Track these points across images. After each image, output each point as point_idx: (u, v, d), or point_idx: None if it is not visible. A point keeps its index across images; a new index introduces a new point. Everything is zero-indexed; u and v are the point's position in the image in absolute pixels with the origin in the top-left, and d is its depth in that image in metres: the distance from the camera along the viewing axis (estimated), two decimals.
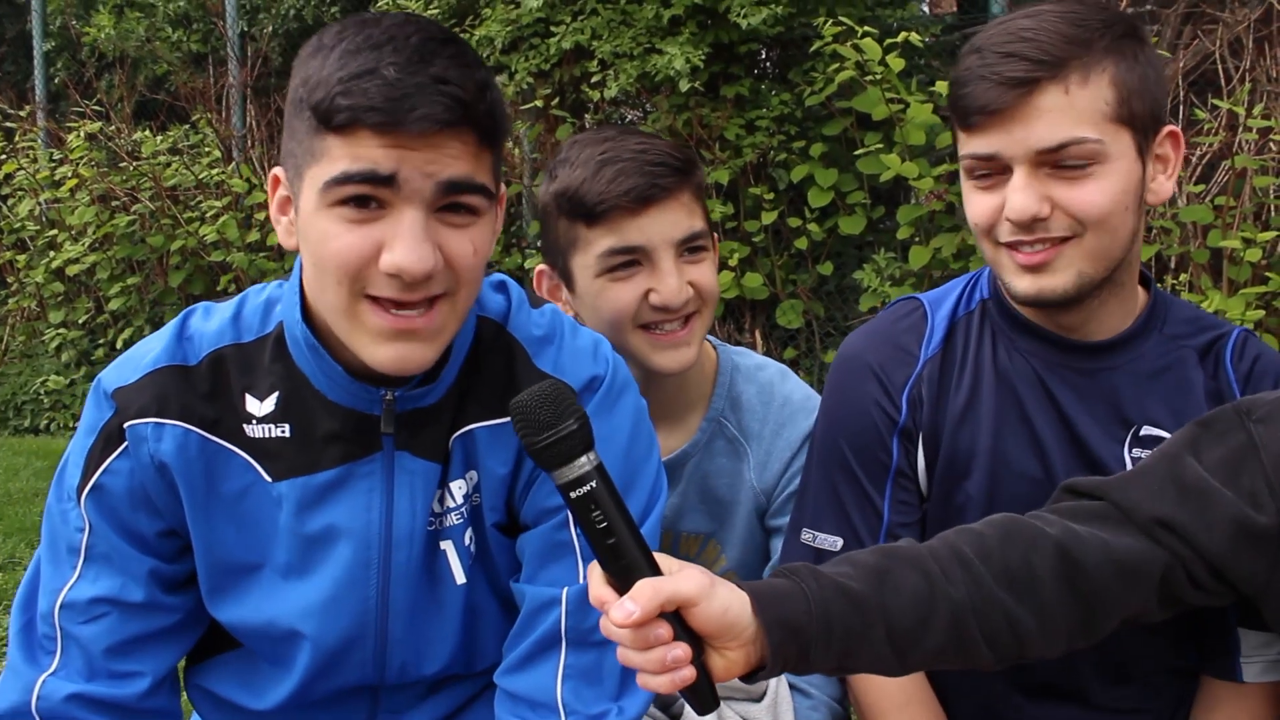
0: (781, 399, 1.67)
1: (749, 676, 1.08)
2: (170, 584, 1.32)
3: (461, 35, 4.20)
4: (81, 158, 5.64)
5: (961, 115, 1.37)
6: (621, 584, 1.02)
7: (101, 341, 5.93)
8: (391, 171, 1.12)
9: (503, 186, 1.24)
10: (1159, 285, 1.50)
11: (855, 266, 4.23)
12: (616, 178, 1.52)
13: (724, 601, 1.04)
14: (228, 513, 1.28)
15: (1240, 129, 3.36)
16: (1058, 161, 1.32)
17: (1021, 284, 1.38)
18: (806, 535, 1.53)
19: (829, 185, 4.05)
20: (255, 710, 1.38)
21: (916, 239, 3.96)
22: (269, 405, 1.26)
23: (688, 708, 1.34)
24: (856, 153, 3.91)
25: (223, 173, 5.48)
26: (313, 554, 1.28)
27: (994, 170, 1.36)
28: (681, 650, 1.01)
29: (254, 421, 1.27)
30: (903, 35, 3.68)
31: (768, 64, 4.45)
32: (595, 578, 1.04)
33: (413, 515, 1.28)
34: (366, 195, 1.13)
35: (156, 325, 5.60)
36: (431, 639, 1.34)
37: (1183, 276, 3.41)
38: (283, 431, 1.26)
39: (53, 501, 1.31)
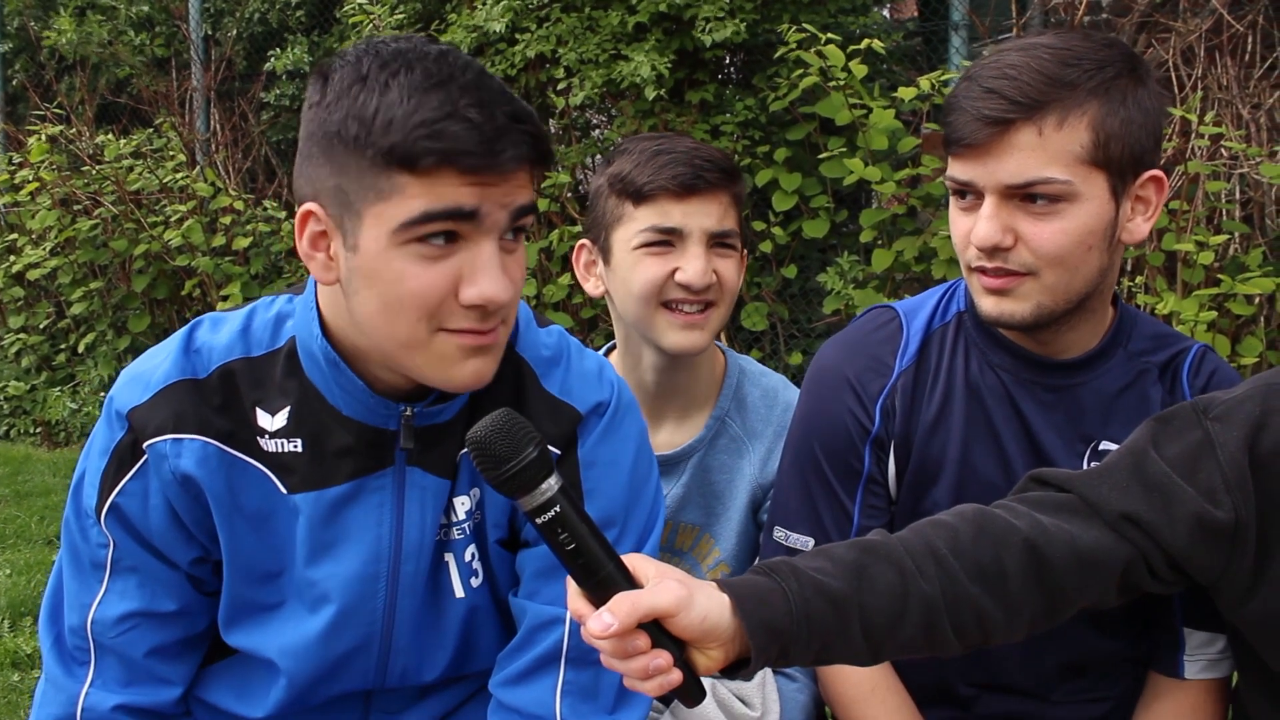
0: (784, 405, 1.78)
1: (728, 671, 1.13)
2: (203, 590, 1.36)
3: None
4: (42, 161, 5.59)
5: (946, 141, 1.43)
6: (598, 598, 1.06)
7: (63, 346, 5.89)
8: (475, 207, 1.16)
9: None
10: (1117, 287, 1.55)
11: (819, 269, 4.29)
12: (667, 165, 1.67)
13: (702, 609, 1.07)
14: (250, 523, 1.31)
15: (1193, 136, 3.44)
16: (1025, 196, 1.38)
17: (986, 304, 1.45)
18: (779, 534, 1.60)
19: (793, 189, 4.11)
20: (252, 718, 1.41)
21: (879, 242, 4.03)
22: (281, 420, 1.30)
23: None
24: (820, 157, 3.97)
25: (187, 177, 5.46)
26: (324, 568, 1.31)
27: (970, 195, 1.43)
28: (663, 659, 1.06)
29: (267, 436, 1.30)
30: (865, 42, 3.73)
31: (732, 70, 4.49)
32: (572, 591, 1.08)
33: (422, 528, 1.33)
34: (449, 230, 1.16)
35: (119, 330, 5.57)
36: (432, 646, 1.39)
37: (1139, 279, 3.49)
38: (295, 446, 1.30)
39: (70, 517, 1.34)
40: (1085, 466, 1.49)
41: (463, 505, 1.34)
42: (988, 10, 4.14)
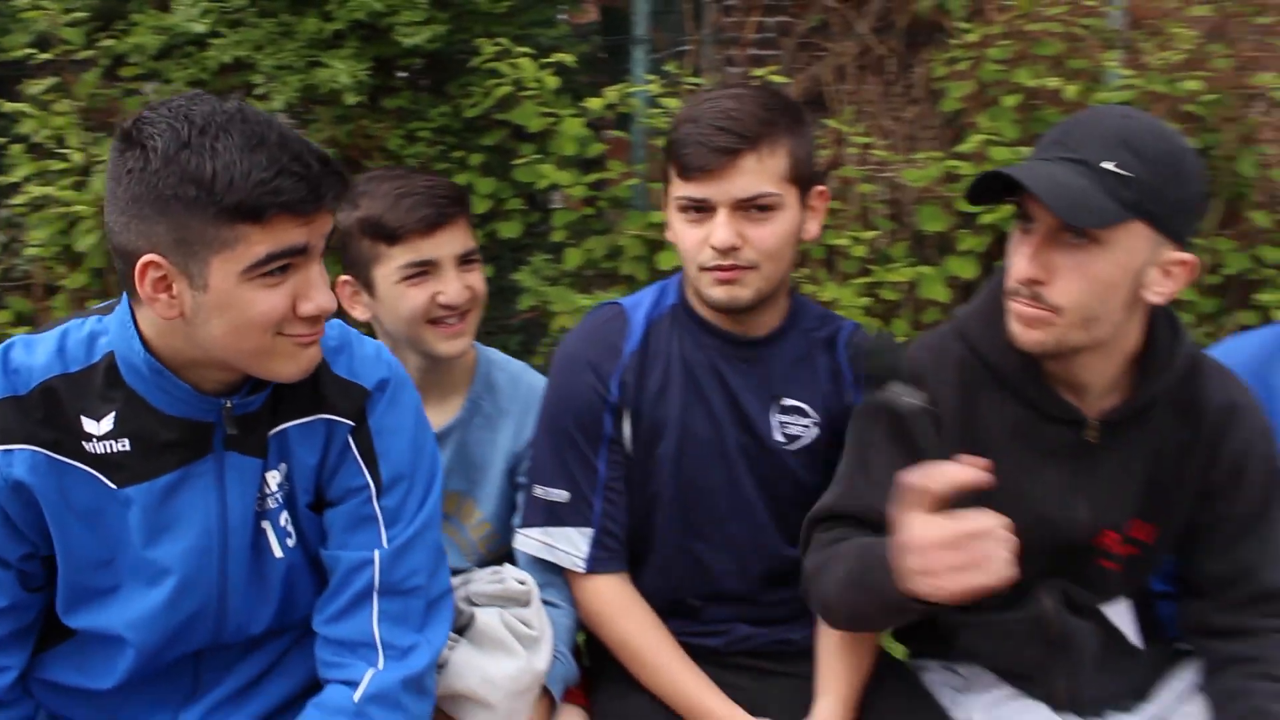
0: (527, 385, 2.23)
1: None
2: (29, 586, 1.65)
3: (110, 42, 4.40)
4: None
5: (681, 169, 1.93)
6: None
7: None
8: (306, 243, 1.52)
9: None
10: None
11: (514, 268, 4.76)
12: (414, 207, 2.04)
13: None
14: (81, 519, 1.61)
15: (846, 144, 4.17)
16: (749, 207, 1.92)
17: (718, 293, 1.96)
18: (539, 491, 2.07)
19: (488, 193, 4.55)
20: (98, 690, 1.71)
21: (570, 241, 4.55)
22: (107, 424, 1.60)
23: (477, 619, 1.85)
24: (515, 162, 4.44)
25: None
26: (162, 547, 1.64)
27: (704, 209, 1.94)
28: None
29: (94, 440, 1.60)
30: (556, 56, 4.25)
31: (427, 79, 4.88)
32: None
33: (243, 502, 1.67)
34: (287, 265, 1.52)
35: None
36: (260, 602, 1.74)
37: (803, 270, 4.17)
38: (124, 445, 1.60)
39: None
40: (772, 417, 2.06)
41: (274, 479, 1.70)
42: (667, 26, 4.76)
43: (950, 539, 1.55)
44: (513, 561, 2.13)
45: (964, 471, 1.57)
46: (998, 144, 4.02)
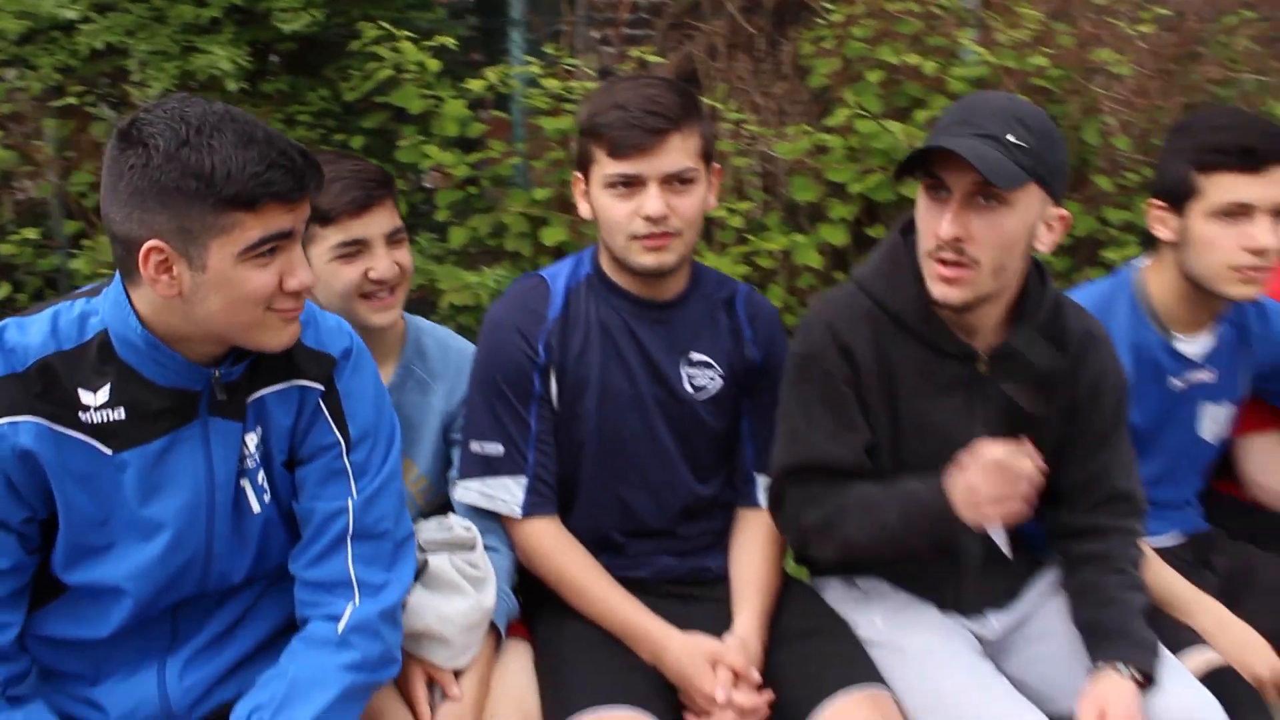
0: (456, 350, 2.48)
1: None
2: (28, 549, 1.84)
3: None
4: None
5: (613, 148, 2.19)
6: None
7: None
8: (292, 227, 1.75)
9: None
10: None
11: None
12: (344, 190, 2.25)
13: None
14: (78, 483, 1.81)
15: (720, 120, 4.48)
16: (674, 180, 2.20)
17: (648, 260, 2.24)
18: (475, 446, 2.33)
19: None
20: (92, 640, 1.91)
21: (454, 221, 4.77)
22: (103, 395, 1.81)
23: (430, 564, 2.12)
24: (399, 143, 4.63)
25: None
26: (157, 504, 1.86)
27: (633, 185, 2.20)
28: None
29: (90, 410, 1.80)
30: (438, 39, 4.46)
31: (305, 62, 5.01)
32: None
33: (227, 462, 1.89)
34: (275, 247, 1.75)
35: None
36: (240, 552, 1.96)
37: None
38: (119, 415, 1.82)
39: None
40: (682, 370, 2.36)
41: (252, 440, 1.92)
42: (542, 8, 5.01)
43: (1000, 477, 2.01)
44: (449, 511, 2.38)
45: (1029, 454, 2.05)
46: (863, 117, 4.37)
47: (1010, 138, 1.99)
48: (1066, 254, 4.65)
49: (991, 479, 2.01)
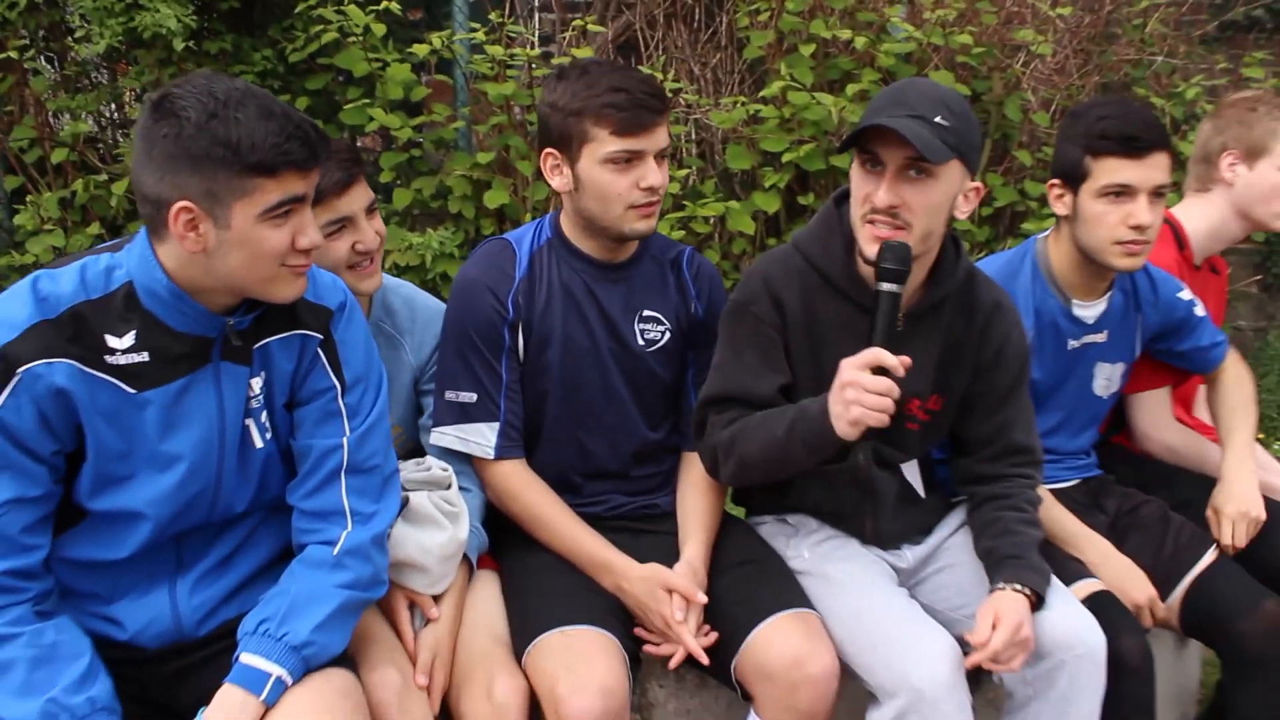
0: (422, 306, 2.78)
1: None
2: (55, 479, 2.11)
3: None
4: None
5: (619, 127, 2.48)
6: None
7: None
8: (305, 192, 2.03)
9: None
10: None
11: None
12: (328, 172, 2.49)
13: None
14: (104, 418, 2.08)
15: None
16: (661, 155, 2.53)
17: (641, 226, 2.57)
18: (450, 394, 2.64)
19: None
20: (112, 560, 2.18)
21: (398, 182, 5.02)
22: (129, 340, 2.07)
23: (410, 501, 2.42)
24: (346, 106, 4.86)
25: None
26: (175, 438, 2.14)
27: (632, 160, 2.51)
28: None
29: (117, 353, 2.07)
30: (384, 4, 4.70)
31: (248, 21, 5.19)
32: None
33: (236, 402, 2.17)
34: (290, 210, 2.02)
35: None
36: (244, 484, 2.24)
37: None
38: (143, 358, 2.08)
39: None
40: (635, 325, 2.68)
41: (257, 384, 2.20)
42: None
43: (864, 386, 2.27)
44: (421, 456, 2.68)
45: (890, 358, 2.28)
46: (796, 89, 4.69)
47: (938, 119, 2.33)
48: (988, 224, 5.03)
49: (856, 388, 2.27)
